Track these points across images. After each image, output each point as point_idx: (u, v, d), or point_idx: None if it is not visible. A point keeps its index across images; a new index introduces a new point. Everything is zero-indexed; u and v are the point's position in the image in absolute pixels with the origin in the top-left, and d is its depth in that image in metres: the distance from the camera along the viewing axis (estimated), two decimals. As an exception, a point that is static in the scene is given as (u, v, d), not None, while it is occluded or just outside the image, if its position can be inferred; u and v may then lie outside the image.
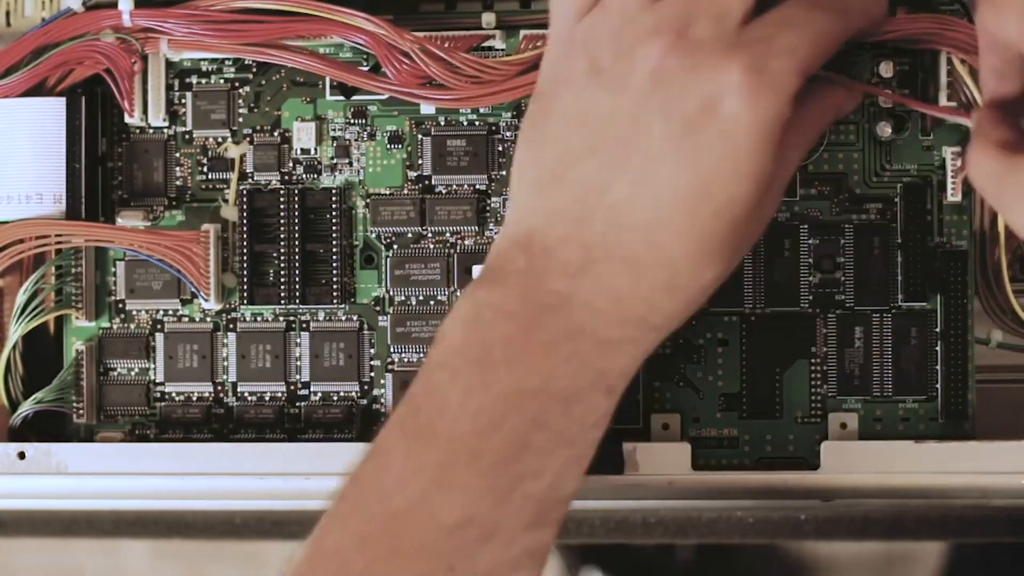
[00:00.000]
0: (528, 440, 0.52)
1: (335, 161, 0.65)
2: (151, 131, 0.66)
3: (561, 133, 0.55)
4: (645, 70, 0.53)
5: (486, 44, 0.64)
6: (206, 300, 0.65)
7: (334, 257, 0.65)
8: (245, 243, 0.65)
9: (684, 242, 0.53)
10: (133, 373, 0.66)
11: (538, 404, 0.53)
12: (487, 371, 0.53)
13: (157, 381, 0.66)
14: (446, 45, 0.63)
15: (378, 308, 0.65)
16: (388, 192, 0.65)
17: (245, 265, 0.65)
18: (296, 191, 0.65)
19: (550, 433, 0.53)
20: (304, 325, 0.65)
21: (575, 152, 0.54)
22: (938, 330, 0.62)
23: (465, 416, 0.52)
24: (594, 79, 0.54)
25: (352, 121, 0.65)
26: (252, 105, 0.66)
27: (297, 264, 0.65)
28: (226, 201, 0.66)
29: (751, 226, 0.55)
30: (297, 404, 0.66)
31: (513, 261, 0.54)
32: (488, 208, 0.65)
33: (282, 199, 0.65)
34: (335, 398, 0.65)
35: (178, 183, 0.66)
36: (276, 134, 0.66)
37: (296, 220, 0.65)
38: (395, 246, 0.65)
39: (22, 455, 0.63)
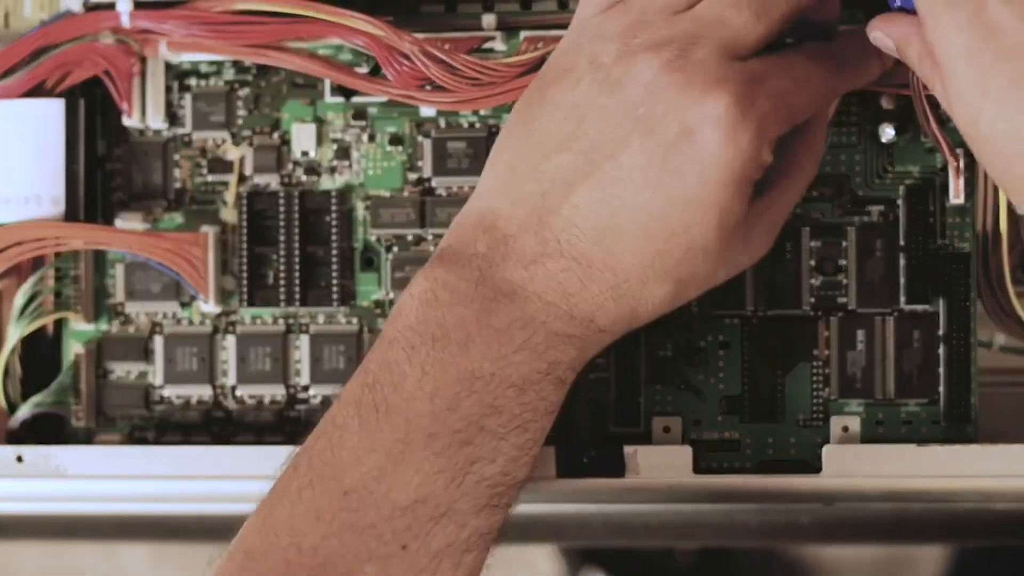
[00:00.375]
0: (483, 423, 0.53)
1: (335, 163, 0.65)
2: (150, 133, 0.66)
3: (547, 120, 0.55)
4: (641, 80, 0.54)
5: (486, 46, 0.64)
6: (205, 303, 0.65)
7: (334, 259, 0.65)
8: (245, 245, 0.65)
9: (635, 256, 0.54)
10: (132, 376, 0.66)
11: (492, 389, 0.54)
12: (443, 352, 0.54)
13: (156, 384, 0.66)
14: (446, 47, 0.62)
15: (378, 311, 0.65)
16: (388, 194, 0.65)
17: (244, 267, 0.65)
18: (296, 193, 0.65)
19: (504, 418, 0.54)
20: (304, 328, 0.65)
21: (554, 143, 0.55)
22: (941, 333, 0.62)
23: (422, 396, 0.53)
24: (592, 73, 0.55)
25: (352, 123, 0.65)
26: (252, 106, 0.66)
27: (297, 266, 0.64)
28: (225, 203, 0.66)
29: (711, 263, 0.55)
30: (297, 407, 0.65)
31: (474, 244, 0.55)
32: (488, 210, 0.64)
33: (282, 201, 0.65)
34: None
35: (177, 185, 0.66)
36: (276, 136, 0.66)
37: (296, 222, 0.65)
38: (395, 248, 0.65)
39: (20, 458, 0.63)
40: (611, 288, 0.54)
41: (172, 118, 0.66)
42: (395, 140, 0.65)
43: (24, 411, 0.65)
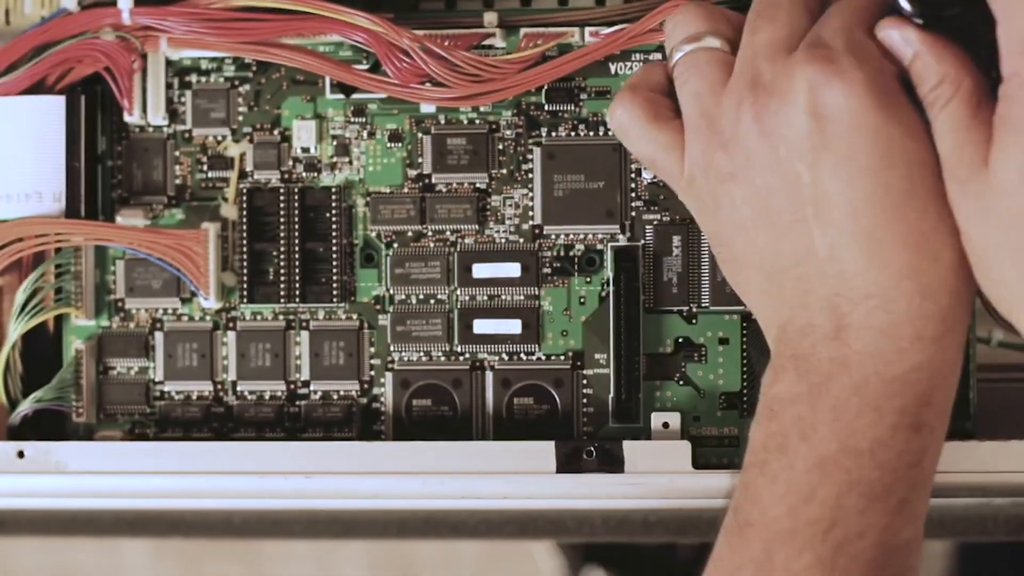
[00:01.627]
0: (840, 503, 0.52)
1: (335, 159, 0.65)
2: (151, 129, 0.66)
3: (741, 237, 0.55)
4: (753, 137, 0.54)
5: (487, 43, 0.64)
6: (206, 299, 0.65)
7: (334, 256, 0.65)
8: (245, 242, 0.65)
9: (902, 243, 0.52)
10: (133, 372, 0.66)
11: (842, 465, 0.52)
12: (788, 454, 0.53)
13: (157, 380, 0.66)
14: (446, 43, 0.63)
15: (378, 307, 0.65)
16: (388, 190, 0.65)
17: (245, 264, 0.65)
18: (296, 189, 0.65)
19: (862, 488, 0.52)
20: (304, 324, 0.65)
21: (764, 247, 0.54)
22: (939, 329, 0.62)
23: (775, 500, 0.53)
24: (730, 181, 0.55)
25: (352, 119, 0.65)
26: (252, 103, 0.66)
27: (297, 263, 0.65)
28: (226, 200, 0.66)
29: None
30: (297, 403, 0.65)
31: (781, 355, 0.54)
32: (488, 207, 0.65)
33: (282, 197, 0.65)
34: (335, 397, 0.65)
35: (178, 182, 0.66)
36: (276, 132, 0.66)
37: (296, 218, 0.65)
38: (395, 244, 0.65)
39: (21, 454, 0.63)
40: (916, 290, 0.52)
41: (172, 115, 0.66)
42: (395, 136, 0.65)
43: (25, 407, 0.65)
